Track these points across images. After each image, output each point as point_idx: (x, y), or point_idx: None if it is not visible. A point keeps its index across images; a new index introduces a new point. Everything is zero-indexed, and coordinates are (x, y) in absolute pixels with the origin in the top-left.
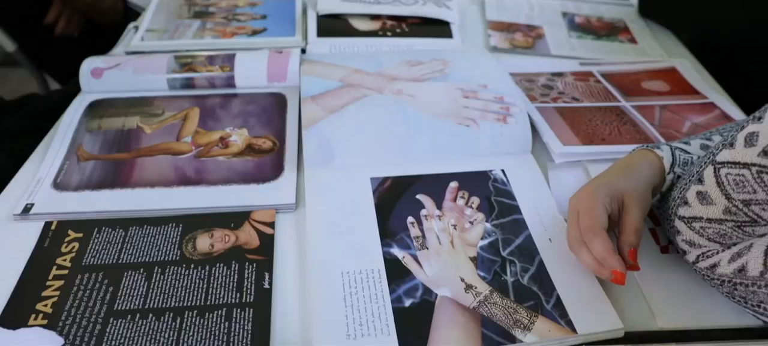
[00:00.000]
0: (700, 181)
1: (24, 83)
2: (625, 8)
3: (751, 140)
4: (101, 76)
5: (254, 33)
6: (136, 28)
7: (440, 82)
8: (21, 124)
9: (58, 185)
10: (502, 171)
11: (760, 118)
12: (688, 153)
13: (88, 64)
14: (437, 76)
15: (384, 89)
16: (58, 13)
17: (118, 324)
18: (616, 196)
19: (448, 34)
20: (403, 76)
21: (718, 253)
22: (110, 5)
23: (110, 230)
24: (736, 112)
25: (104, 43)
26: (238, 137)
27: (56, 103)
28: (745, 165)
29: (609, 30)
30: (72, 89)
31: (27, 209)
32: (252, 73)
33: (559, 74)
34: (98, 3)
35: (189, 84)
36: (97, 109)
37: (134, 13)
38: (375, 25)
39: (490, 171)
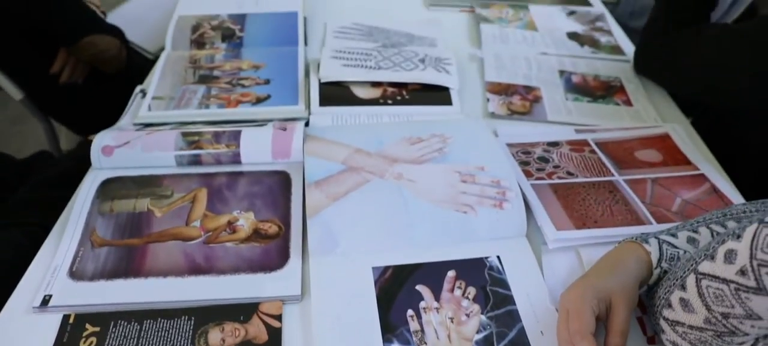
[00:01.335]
0: (683, 287)
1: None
2: (622, 64)
3: (730, 258)
4: (111, 154)
5: (258, 101)
6: (143, 92)
7: (439, 165)
8: (33, 195)
9: (74, 273)
10: (498, 258)
11: (739, 236)
12: (676, 248)
13: (99, 142)
14: (436, 157)
15: (385, 173)
16: (63, 63)
17: None
18: (603, 297)
19: (447, 100)
20: (404, 158)
21: None
22: (113, 55)
23: (126, 323)
24: (725, 185)
25: (108, 89)
26: (245, 222)
27: (67, 171)
28: (724, 280)
29: (605, 90)
30: (80, 153)
31: (45, 301)
32: (257, 150)
33: (555, 144)
34: (102, 54)
35: (196, 161)
36: (108, 189)
37: (138, 56)
38: (376, 93)
39: (487, 258)
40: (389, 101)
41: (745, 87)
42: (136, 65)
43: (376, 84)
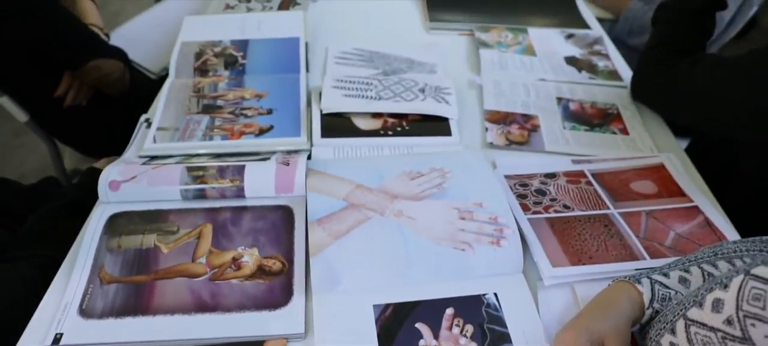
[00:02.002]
0: (673, 332)
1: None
2: (619, 90)
3: (717, 307)
4: (118, 189)
5: (261, 132)
6: (148, 122)
7: (438, 201)
8: (42, 226)
9: (84, 311)
10: (495, 295)
11: (726, 286)
12: (668, 288)
13: (106, 176)
14: (436, 193)
15: (385, 211)
16: (68, 86)
17: None
18: (596, 339)
19: (447, 131)
20: (404, 194)
21: None
22: (117, 78)
23: None
24: (718, 218)
25: (112, 110)
26: (250, 258)
27: (75, 202)
28: (712, 329)
29: (602, 118)
30: (87, 182)
31: (57, 340)
32: (260, 185)
33: (552, 175)
34: (106, 77)
35: (201, 195)
36: (116, 225)
37: (141, 76)
38: (376, 124)
39: (484, 295)
40: (390, 132)
41: (743, 121)
42: (139, 85)
43: (376, 115)
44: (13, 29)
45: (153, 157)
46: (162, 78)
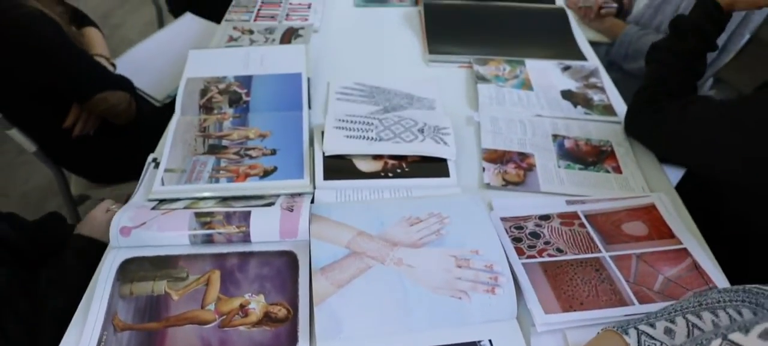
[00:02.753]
0: None
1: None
2: (613, 126)
3: None
4: (129, 235)
5: (266, 173)
6: (156, 162)
7: (436, 249)
8: (55, 274)
9: None
10: (490, 342)
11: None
12: (653, 339)
13: (117, 222)
14: (434, 240)
15: (386, 259)
16: (75, 118)
17: None
18: None
19: (445, 172)
20: (403, 242)
21: None
22: (124, 109)
23: None
24: (706, 261)
25: (118, 138)
26: (256, 305)
27: (83, 249)
28: None
29: (596, 156)
30: (84, 246)
31: None
32: (266, 231)
33: (547, 217)
34: (113, 108)
35: (209, 240)
36: (127, 271)
37: (146, 104)
38: (377, 166)
39: (479, 342)
40: (390, 174)
41: (729, 167)
42: (144, 113)
43: (377, 156)
44: (23, 70)
45: (162, 201)
46: (166, 105)
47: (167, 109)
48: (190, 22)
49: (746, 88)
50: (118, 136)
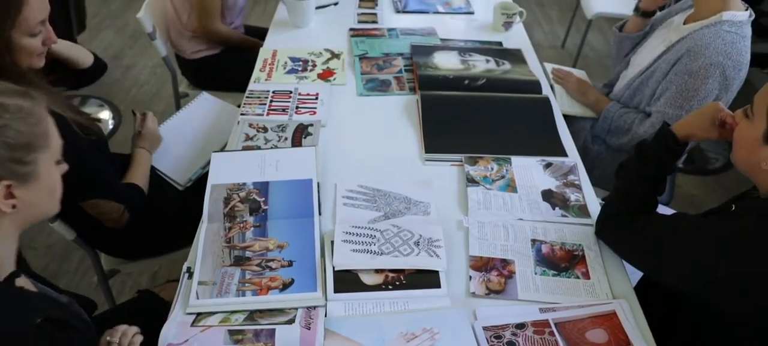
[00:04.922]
0: None
1: None
2: (585, 228)
3: None
4: None
5: (285, 286)
6: (190, 271)
7: None
8: None
9: None
10: None
11: None
12: None
13: (163, 339)
14: None
15: None
16: None
17: None
18: None
19: (436, 282)
20: None
21: None
22: (114, 218)
23: None
24: None
25: (145, 223)
26: None
27: None
28: None
29: (568, 262)
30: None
31: None
32: None
33: (522, 326)
34: (103, 215)
35: None
36: None
37: (170, 187)
38: (379, 279)
39: None
40: (390, 286)
41: (683, 282)
42: (167, 195)
43: (379, 271)
44: None
45: (198, 314)
46: (188, 189)
47: (189, 192)
48: (205, 102)
49: None
50: (146, 221)
